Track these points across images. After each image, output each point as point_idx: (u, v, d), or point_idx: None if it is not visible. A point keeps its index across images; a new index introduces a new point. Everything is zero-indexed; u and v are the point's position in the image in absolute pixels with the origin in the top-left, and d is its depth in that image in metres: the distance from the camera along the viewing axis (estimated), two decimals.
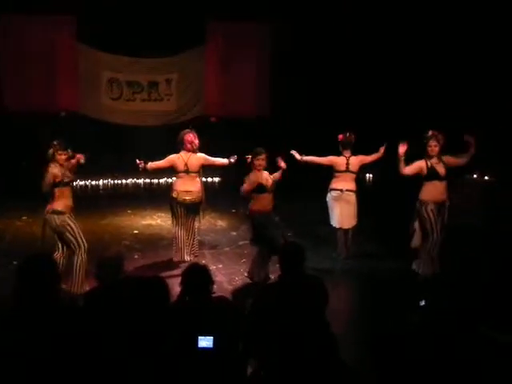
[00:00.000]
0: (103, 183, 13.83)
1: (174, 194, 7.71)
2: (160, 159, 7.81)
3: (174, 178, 7.93)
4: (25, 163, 11.79)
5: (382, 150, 8.16)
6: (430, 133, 7.32)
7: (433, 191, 7.30)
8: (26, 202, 9.88)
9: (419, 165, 7.34)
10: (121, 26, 12.47)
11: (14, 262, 6.85)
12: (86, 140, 11.35)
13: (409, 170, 7.35)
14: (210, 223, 10.13)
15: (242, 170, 7.31)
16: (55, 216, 6.67)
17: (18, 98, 12.60)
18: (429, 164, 7.29)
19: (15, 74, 12.60)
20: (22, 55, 12.60)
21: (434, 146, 7.27)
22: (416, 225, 7.40)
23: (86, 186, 13.43)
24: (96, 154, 12.39)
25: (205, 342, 3.55)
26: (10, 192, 11.12)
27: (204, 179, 10.56)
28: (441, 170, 7.29)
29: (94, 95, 13.27)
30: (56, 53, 12.76)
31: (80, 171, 7.22)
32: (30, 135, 11.74)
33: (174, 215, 7.80)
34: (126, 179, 13.82)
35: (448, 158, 7.36)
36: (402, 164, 7.34)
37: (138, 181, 13.90)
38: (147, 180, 13.85)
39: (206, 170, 8.25)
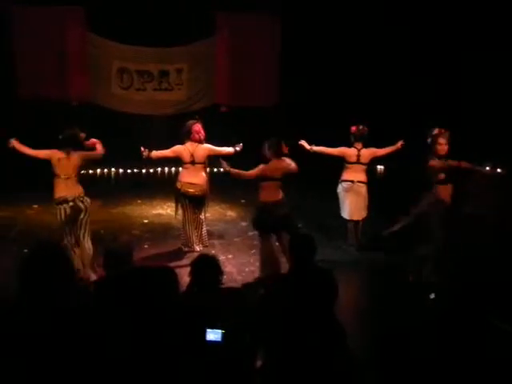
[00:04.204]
0: (113, 172, 13.83)
1: (178, 185, 7.72)
2: (166, 149, 7.81)
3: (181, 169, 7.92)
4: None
5: (399, 143, 8.05)
6: (437, 131, 6.89)
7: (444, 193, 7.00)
8: (37, 191, 9.90)
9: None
10: (131, 15, 12.45)
11: (25, 251, 6.86)
12: (96, 128, 11.37)
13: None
14: (219, 213, 10.14)
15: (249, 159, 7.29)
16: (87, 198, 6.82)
17: (30, 88, 12.60)
18: (444, 163, 6.86)
19: (28, 63, 12.59)
20: (34, 45, 12.57)
21: (444, 145, 6.82)
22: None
23: (95, 174, 13.44)
24: (106, 142, 12.53)
25: (213, 334, 3.51)
26: (22, 180, 11.13)
27: (215, 169, 10.59)
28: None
29: (104, 85, 13.24)
30: (67, 43, 12.73)
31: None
32: (42, 123, 11.74)
33: (180, 206, 7.81)
34: (136, 168, 13.80)
35: (451, 161, 6.90)
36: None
37: (148, 170, 13.90)
38: (158, 169, 13.85)
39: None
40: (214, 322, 3.56)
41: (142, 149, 7.60)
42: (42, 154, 6.84)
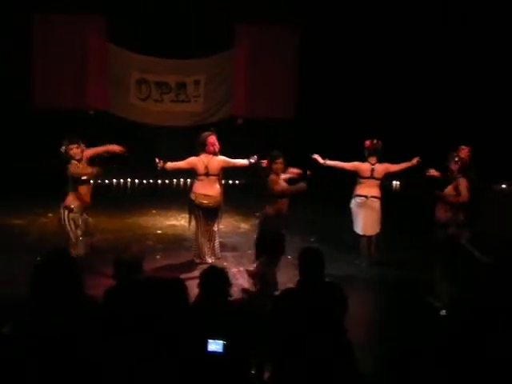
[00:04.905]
0: (129, 182, 13.91)
1: (193, 197, 7.74)
2: (181, 160, 7.84)
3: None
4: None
5: (415, 160, 7.97)
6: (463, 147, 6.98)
7: None
8: (52, 199, 9.94)
9: None
10: (150, 26, 12.59)
11: (38, 259, 6.88)
12: (112, 139, 11.45)
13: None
14: (233, 226, 10.15)
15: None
16: (66, 211, 6.92)
17: (47, 96, 12.75)
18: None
19: (46, 72, 12.76)
20: (52, 54, 12.75)
21: (452, 163, 6.79)
22: None
23: (111, 184, 13.52)
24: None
25: (214, 345, 3.52)
26: (37, 189, 11.20)
27: (230, 181, 10.59)
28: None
29: (122, 95, 13.37)
30: (86, 52, 12.90)
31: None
32: (58, 133, 11.84)
33: (194, 218, 7.83)
34: (152, 179, 13.87)
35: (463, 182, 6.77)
36: None
37: (164, 181, 13.95)
38: (174, 180, 13.90)
39: (229, 172, 8.26)
40: (218, 331, 3.57)
41: (157, 160, 7.63)
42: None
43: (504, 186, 10.77)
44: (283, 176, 7.08)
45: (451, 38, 12.33)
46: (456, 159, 6.78)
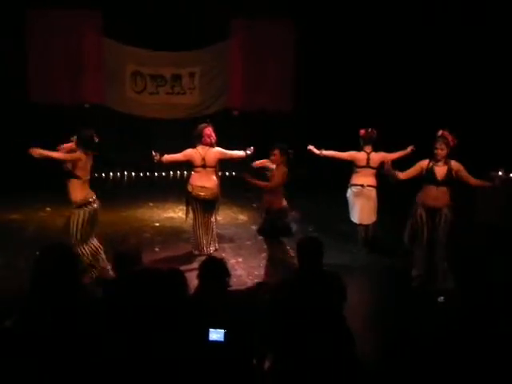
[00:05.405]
0: (126, 175, 13.89)
1: (190, 189, 7.75)
2: (177, 152, 7.83)
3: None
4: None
5: (409, 149, 7.98)
6: (440, 133, 6.77)
7: (424, 195, 6.87)
8: (50, 194, 9.94)
9: (420, 165, 6.88)
10: (145, 19, 12.55)
11: (37, 253, 6.89)
12: (109, 132, 11.45)
13: (405, 174, 7.02)
14: (230, 217, 10.16)
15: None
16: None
17: (43, 90, 12.69)
18: (430, 165, 6.78)
19: (42, 66, 12.69)
20: (48, 48, 12.67)
21: (440, 150, 6.68)
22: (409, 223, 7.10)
23: (107, 177, 13.50)
24: (119, 145, 12.56)
25: (215, 334, 3.57)
26: (36, 183, 11.18)
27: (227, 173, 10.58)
28: (440, 173, 6.74)
29: (118, 88, 13.32)
30: (82, 46, 12.83)
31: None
32: (56, 126, 11.82)
33: (191, 209, 7.84)
34: (148, 171, 13.85)
35: (458, 167, 6.74)
36: (395, 174, 7.08)
37: (161, 173, 13.94)
38: (170, 172, 13.89)
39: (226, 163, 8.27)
40: (218, 322, 3.60)
41: (154, 153, 7.64)
42: (67, 156, 6.67)
43: (500, 173, 10.81)
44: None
45: (447, 32, 12.31)
46: (445, 144, 6.72)
